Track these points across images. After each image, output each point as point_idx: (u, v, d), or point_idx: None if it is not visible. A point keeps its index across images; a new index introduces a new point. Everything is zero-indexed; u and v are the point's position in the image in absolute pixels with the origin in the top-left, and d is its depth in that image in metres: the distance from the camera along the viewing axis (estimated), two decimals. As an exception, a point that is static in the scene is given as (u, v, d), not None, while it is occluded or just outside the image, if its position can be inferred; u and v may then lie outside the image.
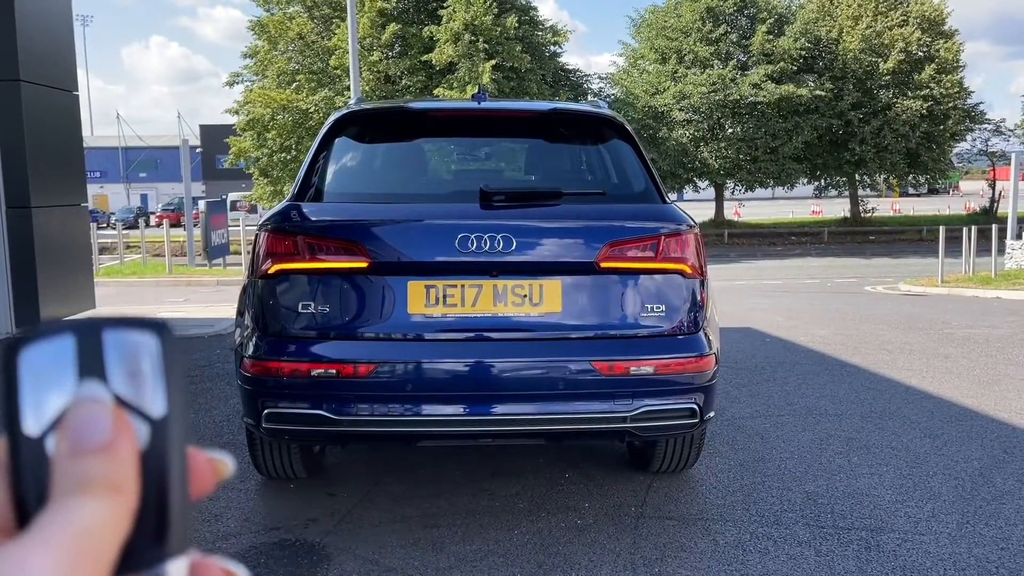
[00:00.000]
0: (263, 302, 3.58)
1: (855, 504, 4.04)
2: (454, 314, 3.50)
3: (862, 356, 7.62)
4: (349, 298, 3.53)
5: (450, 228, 3.50)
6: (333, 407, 3.49)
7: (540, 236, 3.63)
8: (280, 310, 3.53)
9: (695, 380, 3.65)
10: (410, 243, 3.59)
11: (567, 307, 3.54)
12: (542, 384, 3.53)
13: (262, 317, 3.57)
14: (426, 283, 3.49)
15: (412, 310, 3.48)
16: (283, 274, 3.55)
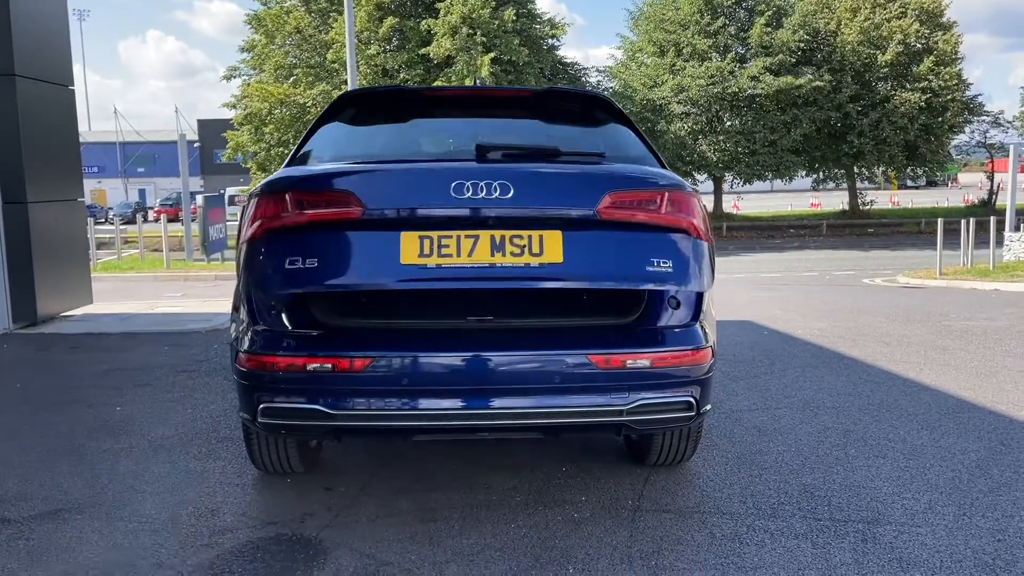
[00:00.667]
0: (250, 265, 3.49)
1: (852, 496, 4.04)
2: (449, 264, 3.39)
3: (860, 349, 7.61)
4: (340, 252, 3.42)
5: (445, 175, 3.43)
6: (329, 402, 3.48)
7: (539, 184, 3.53)
8: (268, 271, 3.44)
9: (691, 373, 3.64)
10: (403, 192, 3.50)
11: (569, 257, 3.42)
12: (538, 378, 3.52)
13: (249, 282, 3.49)
14: (420, 234, 3.38)
15: (405, 260, 3.37)
16: (271, 232, 3.45)
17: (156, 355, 7.46)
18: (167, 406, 5.71)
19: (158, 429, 5.18)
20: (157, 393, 6.08)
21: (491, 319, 3.65)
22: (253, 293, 3.53)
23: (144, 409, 5.64)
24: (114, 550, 3.49)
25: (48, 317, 9.19)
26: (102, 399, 5.93)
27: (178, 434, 5.07)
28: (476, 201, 3.39)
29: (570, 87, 4.83)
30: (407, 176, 3.65)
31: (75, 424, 5.30)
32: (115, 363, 7.11)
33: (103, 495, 4.11)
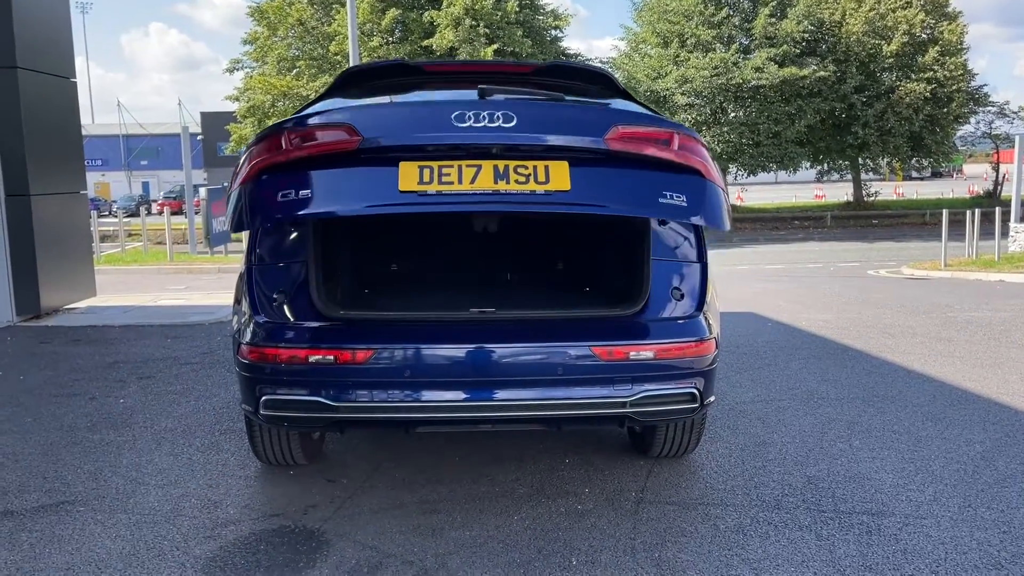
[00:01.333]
0: (242, 203, 3.32)
1: (856, 488, 4.02)
2: (450, 191, 3.21)
3: (864, 340, 7.59)
4: (336, 182, 3.27)
5: (446, 107, 3.31)
6: (332, 394, 3.47)
7: (544, 115, 3.41)
8: (261, 202, 3.27)
9: (695, 365, 3.63)
10: (402, 123, 3.38)
11: (577, 185, 3.25)
12: (541, 369, 3.51)
13: (237, 214, 3.34)
14: (420, 164, 3.23)
15: (404, 187, 3.20)
16: (264, 170, 3.30)
17: (159, 347, 7.46)
18: (170, 398, 5.71)
19: (161, 421, 5.18)
20: (160, 385, 6.07)
21: (494, 310, 3.63)
22: (246, 217, 3.31)
23: (147, 401, 5.64)
24: (117, 542, 3.49)
25: (51, 309, 9.20)
26: (105, 391, 5.93)
27: (181, 426, 5.07)
28: (478, 130, 3.22)
29: (572, 61, 4.88)
30: (406, 108, 3.56)
31: (78, 416, 5.30)
32: (118, 355, 7.11)
33: (106, 487, 4.11)
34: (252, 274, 3.68)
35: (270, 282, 3.66)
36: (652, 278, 3.68)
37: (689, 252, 3.85)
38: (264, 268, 3.70)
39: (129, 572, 3.22)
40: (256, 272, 3.69)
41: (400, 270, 5.12)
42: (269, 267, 3.71)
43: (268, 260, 3.72)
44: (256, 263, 3.71)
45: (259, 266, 3.71)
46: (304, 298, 3.57)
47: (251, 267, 3.71)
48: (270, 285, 3.64)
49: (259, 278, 3.67)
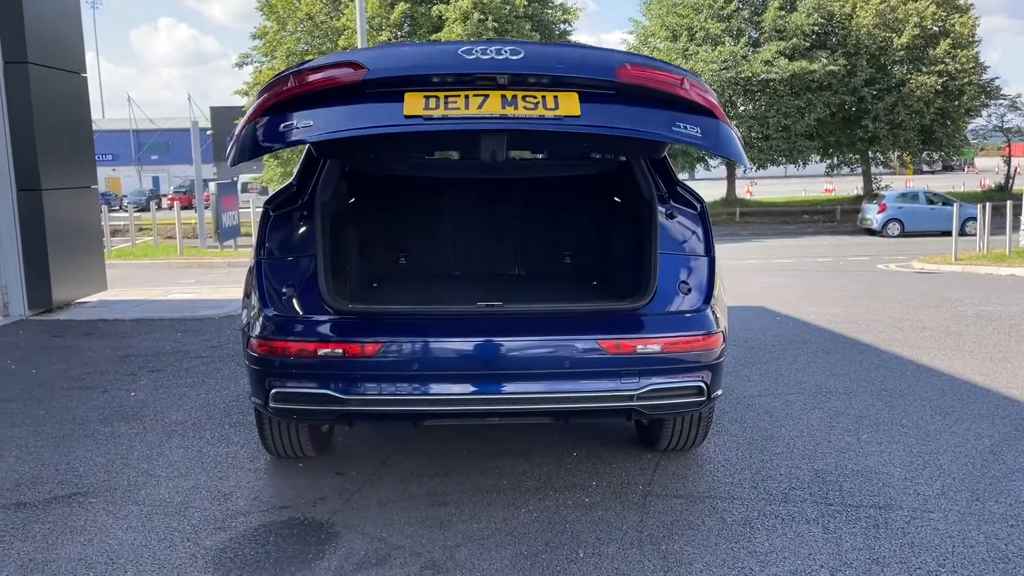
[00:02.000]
0: (243, 136, 3.32)
1: (864, 481, 4.03)
2: (456, 115, 3.15)
3: (873, 334, 7.57)
4: (341, 112, 3.24)
5: (452, 45, 3.27)
6: (340, 387, 3.50)
7: (552, 54, 3.39)
8: (265, 133, 3.26)
9: (702, 358, 3.64)
10: (408, 57, 3.41)
11: (587, 112, 3.20)
12: (548, 363, 3.52)
13: (237, 145, 3.34)
14: (425, 93, 3.19)
15: (409, 112, 3.16)
16: (270, 107, 3.28)
17: (170, 341, 7.51)
18: (180, 392, 5.75)
19: (172, 414, 5.22)
20: (170, 379, 6.12)
21: (501, 304, 3.65)
22: (246, 148, 3.30)
23: (158, 395, 5.68)
24: (128, 533, 3.52)
25: (63, 303, 9.26)
26: (116, 384, 5.97)
27: (191, 419, 5.11)
28: (485, 62, 3.16)
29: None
30: (412, 47, 3.56)
31: (90, 409, 5.35)
32: (129, 349, 7.16)
33: (117, 479, 4.15)
34: (261, 268, 3.71)
35: (279, 276, 3.68)
36: (659, 272, 3.69)
37: (696, 246, 3.86)
38: (273, 262, 3.73)
39: (140, 563, 3.26)
40: (265, 266, 3.72)
41: (408, 264, 5.15)
42: (278, 261, 3.73)
43: (277, 254, 3.75)
44: (265, 257, 3.74)
45: (268, 260, 3.73)
46: (313, 292, 3.59)
47: (260, 261, 3.74)
48: (279, 279, 3.67)
49: (268, 272, 3.70)
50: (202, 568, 3.22)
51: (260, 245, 3.77)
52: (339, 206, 4.19)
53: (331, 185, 3.93)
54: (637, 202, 4.03)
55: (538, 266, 5.12)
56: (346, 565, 3.23)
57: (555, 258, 5.13)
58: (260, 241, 3.78)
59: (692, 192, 3.96)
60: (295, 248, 3.75)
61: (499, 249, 5.17)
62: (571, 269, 5.08)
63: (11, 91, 8.59)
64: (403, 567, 3.21)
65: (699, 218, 3.90)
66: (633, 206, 4.15)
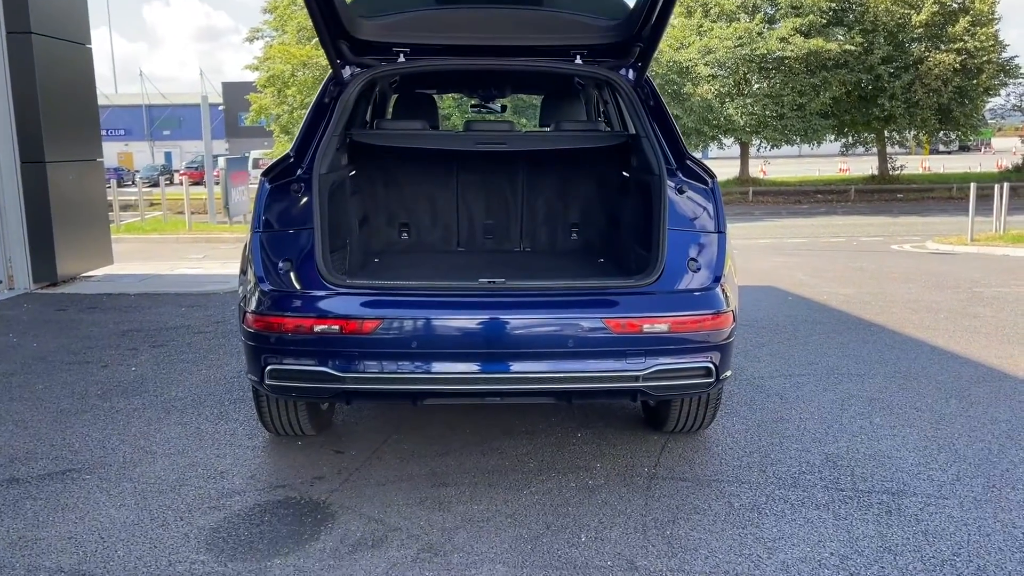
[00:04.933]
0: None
1: (876, 466, 3.91)
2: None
3: (887, 315, 7.43)
4: None
5: None
6: (338, 364, 3.40)
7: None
8: None
9: (711, 338, 3.52)
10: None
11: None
12: (552, 341, 3.42)
13: None
14: None
15: None
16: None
17: (174, 316, 7.44)
18: (182, 367, 5.68)
19: (171, 390, 5.14)
20: (172, 354, 6.04)
21: (503, 280, 3.53)
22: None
23: (158, 370, 5.61)
24: (121, 511, 3.45)
25: (68, 277, 9.20)
26: (117, 359, 5.90)
27: (191, 395, 5.03)
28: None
29: None
30: None
31: (89, 384, 5.28)
32: (132, 324, 7.10)
33: (113, 456, 4.08)
34: (257, 241, 3.61)
35: (276, 250, 3.58)
36: (667, 248, 3.57)
37: (707, 222, 3.73)
38: (270, 236, 3.62)
39: (132, 542, 3.18)
40: (262, 239, 3.61)
41: (410, 239, 5.04)
42: (275, 234, 3.63)
43: (274, 227, 3.64)
44: (262, 230, 3.64)
45: (265, 233, 3.63)
46: (310, 266, 3.49)
47: (256, 234, 3.63)
48: (276, 253, 3.57)
49: (264, 245, 3.60)
50: (194, 548, 3.14)
51: (256, 218, 3.67)
52: (338, 178, 4.08)
53: (330, 156, 3.82)
54: (646, 176, 3.91)
55: (544, 242, 5.00)
56: (341, 547, 3.14)
57: (561, 234, 5.01)
58: (256, 214, 3.68)
59: (703, 166, 3.83)
60: (292, 221, 3.64)
61: (503, 225, 5.04)
62: (578, 245, 4.96)
63: (14, 62, 8.49)
64: (400, 549, 3.13)
65: (710, 193, 3.77)
66: (641, 180, 4.02)
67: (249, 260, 3.62)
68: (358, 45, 4.04)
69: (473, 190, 4.99)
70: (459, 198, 4.99)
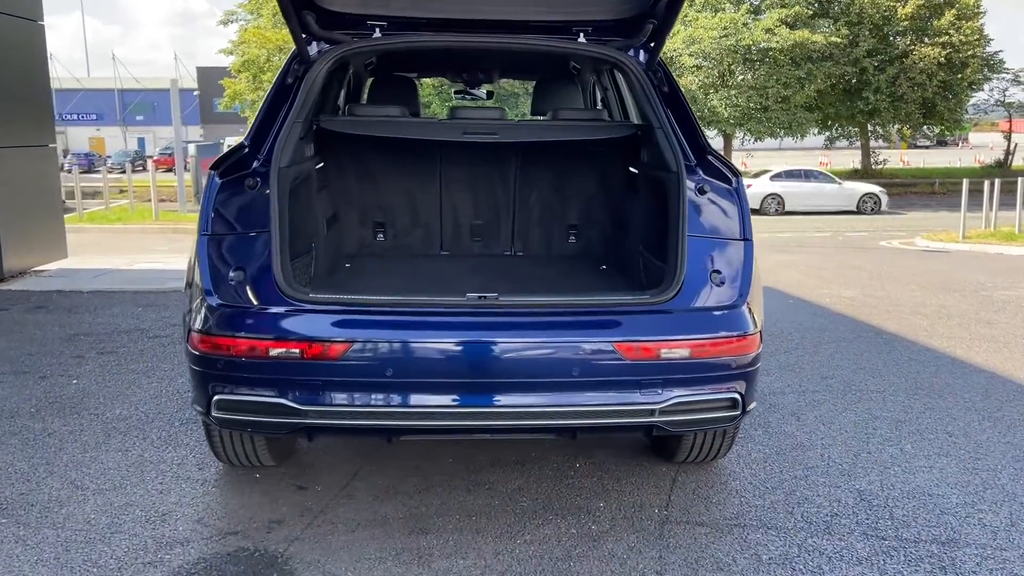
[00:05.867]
0: None
1: (917, 507, 3.43)
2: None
3: (897, 321, 6.97)
4: None
5: None
6: (298, 395, 2.86)
7: None
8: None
9: (737, 364, 3.02)
10: None
11: None
12: (552, 369, 2.89)
13: None
14: None
15: None
16: None
17: (128, 317, 6.83)
18: (130, 379, 5.09)
19: (115, 408, 4.56)
20: (121, 363, 5.45)
21: (496, 296, 2.99)
22: None
23: (104, 383, 5.02)
24: (36, 569, 2.89)
25: (17, 272, 8.54)
26: (59, 369, 5.31)
27: (137, 414, 4.46)
28: None
29: None
30: None
31: (22, 400, 4.69)
32: (80, 326, 6.48)
33: (37, 492, 3.50)
34: (205, 246, 3.05)
35: (226, 256, 3.03)
36: (688, 258, 3.05)
37: (732, 227, 3.22)
38: (219, 240, 3.07)
39: (44, 613, 2.63)
40: (210, 243, 3.06)
41: (387, 241, 4.48)
42: (225, 238, 3.08)
43: (224, 230, 3.09)
44: (210, 232, 3.08)
45: (213, 236, 3.08)
46: (266, 277, 2.95)
47: (204, 237, 3.08)
48: (226, 260, 3.02)
49: (213, 251, 3.05)
50: (120, 621, 2.59)
51: (204, 218, 3.11)
52: (302, 172, 3.52)
53: (292, 146, 3.26)
54: (660, 173, 3.38)
55: (538, 246, 4.47)
56: (299, 620, 2.61)
57: (558, 237, 4.47)
58: (203, 214, 3.12)
59: (727, 163, 3.31)
60: (246, 223, 3.09)
61: (493, 225, 4.50)
62: (576, 250, 4.43)
63: (-44, 38, 7.82)
64: (370, 622, 2.60)
65: (734, 194, 3.26)
66: (654, 178, 3.50)
67: (195, 268, 3.07)
68: (326, 17, 3.47)
69: (459, 186, 4.43)
70: (443, 195, 4.43)
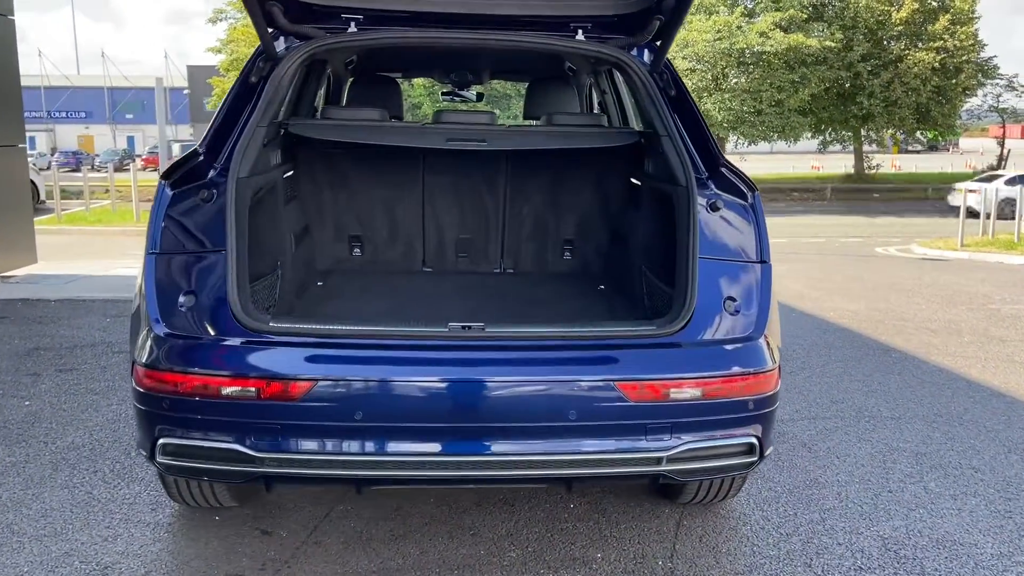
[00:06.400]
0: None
1: (950, 559, 3.09)
2: None
3: (905, 338, 6.64)
4: None
5: None
6: (253, 441, 2.50)
7: None
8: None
9: (753, 405, 2.68)
10: None
11: None
12: (546, 411, 2.54)
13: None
14: None
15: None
16: None
17: (95, 329, 6.44)
18: (88, 400, 4.71)
19: (68, 434, 4.18)
20: (81, 382, 5.07)
21: (482, 326, 2.63)
22: None
23: (59, 404, 4.64)
24: (-49, 638, 2.52)
25: (-17, 278, 8.15)
26: (11, 389, 4.92)
27: (91, 442, 4.08)
28: None
29: None
30: None
31: (-33, 425, 4.31)
32: (42, 339, 6.09)
33: (-34, 539, 3.13)
34: (153, 267, 2.68)
35: (176, 279, 2.67)
36: (699, 283, 2.70)
37: (747, 247, 2.88)
38: (169, 260, 2.71)
39: None
40: (158, 263, 2.69)
41: (363, 256, 4.11)
42: (175, 258, 2.71)
43: (176, 246, 2.73)
44: (159, 251, 2.71)
45: (162, 256, 2.71)
46: (220, 303, 2.58)
47: (152, 257, 2.71)
48: (175, 283, 2.66)
49: (162, 272, 2.68)
50: None
51: (151, 235, 2.74)
52: (267, 182, 3.16)
53: (254, 153, 2.89)
54: (667, 186, 3.03)
55: (529, 263, 4.11)
56: None
57: (551, 253, 4.11)
58: (152, 230, 2.75)
59: (742, 175, 2.97)
60: (198, 241, 2.72)
61: (480, 240, 4.13)
62: (571, 267, 4.07)
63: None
64: None
65: (750, 211, 2.92)
66: (660, 191, 3.15)
67: (142, 292, 2.70)
68: (295, 9, 3.11)
69: (443, 196, 4.07)
70: (425, 206, 4.06)
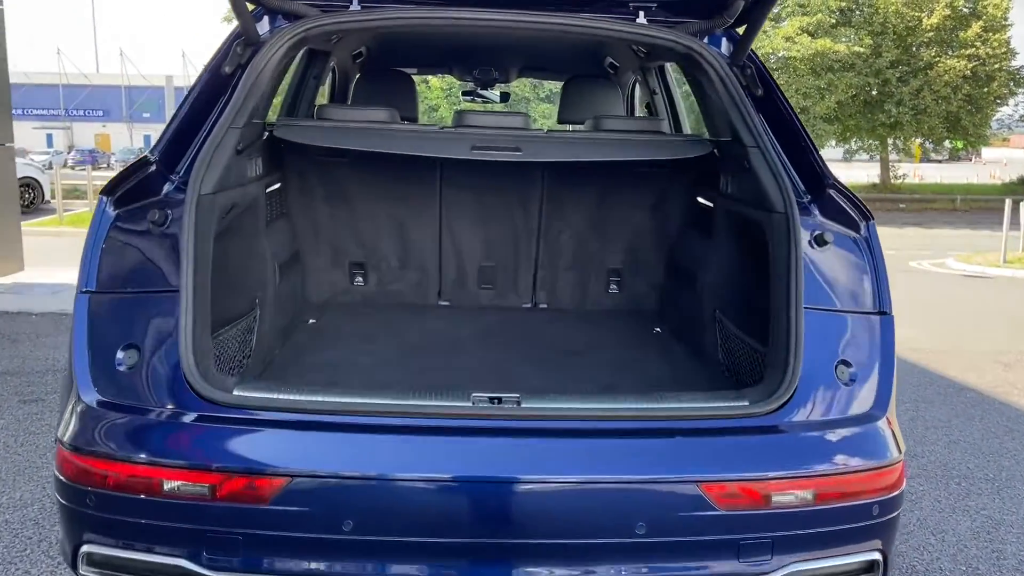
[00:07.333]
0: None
1: None
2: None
3: (977, 373, 5.92)
4: None
5: None
6: (206, 556, 1.85)
7: None
8: None
9: (879, 511, 1.99)
10: None
11: None
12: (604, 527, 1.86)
13: None
14: None
15: None
16: None
17: (74, 349, 5.80)
18: (47, 441, 4.06)
19: (15, 488, 3.54)
20: (44, 417, 4.42)
21: (516, 400, 1.96)
22: None
23: (12, 446, 4.00)
24: None
25: (-37, 287, 7.55)
26: (-35, 424, 4.29)
27: (40, 499, 3.44)
28: None
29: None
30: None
31: (-99, 473, 3.67)
32: (13, 361, 5.45)
33: None
34: (86, 310, 2.03)
35: (114, 328, 2.02)
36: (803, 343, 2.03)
37: (863, 293, 2.21)
38: (106, 300, 2.06)
39: None
40: (91, 306, 2.04)
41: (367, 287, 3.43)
42: (115, 299, 2.07)
43: (116, 283, 2.08)
44: (94, 288, 2.07)
45: (98, 295, 2.06)
46: (170, 361, 1.94)
47: (85, 297, 2.06)
48: (113, 333, 2.01)
49: (96, 318, 2.03)
50: None
51: (85, 268, 2.09)
52: (244, 197, 2.50)
53: (224, 161, 2.23)
54: (757, 213, 2.35)
55: (568, 296, 3.42)
56: None
57: (595, 286, 3.41)
58: (86, 260, 2.10)
59: (852, 197, 2.29)
60: (145, 276, 2.07)
61: (510, 269, 3.44)
62: (619, 304, 3.38)
63: None
64: None
65: (865, 246, 2.25)
66: (746, 218, 2.47)
67: (72, 344, 2.04)
68: None
69: (464, 216, 3.37)
70: (443, 227, 3.37)
